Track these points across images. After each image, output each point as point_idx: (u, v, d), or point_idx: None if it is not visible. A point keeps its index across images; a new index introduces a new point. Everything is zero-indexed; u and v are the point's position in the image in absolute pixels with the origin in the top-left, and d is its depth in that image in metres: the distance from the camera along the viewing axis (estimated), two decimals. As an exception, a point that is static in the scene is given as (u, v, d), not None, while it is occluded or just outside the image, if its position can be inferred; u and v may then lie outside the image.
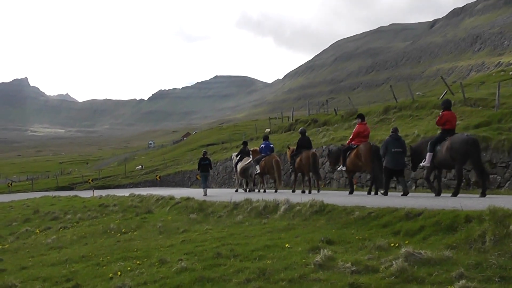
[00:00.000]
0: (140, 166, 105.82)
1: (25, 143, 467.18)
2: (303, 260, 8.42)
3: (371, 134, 23.25)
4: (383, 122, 33.82)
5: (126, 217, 20.95)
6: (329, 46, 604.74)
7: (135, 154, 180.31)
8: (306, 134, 25.38)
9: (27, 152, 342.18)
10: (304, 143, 24.12)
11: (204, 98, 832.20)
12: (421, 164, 17.38)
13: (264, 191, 27.09)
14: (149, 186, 71.48)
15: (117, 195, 34.12)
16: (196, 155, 79.44)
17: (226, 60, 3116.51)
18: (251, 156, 29.30)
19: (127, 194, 33.06)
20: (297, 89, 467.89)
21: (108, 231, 17.28)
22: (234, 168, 31.50)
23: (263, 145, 28.16)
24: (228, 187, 43.81)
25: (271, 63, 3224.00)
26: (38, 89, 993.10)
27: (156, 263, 9.86)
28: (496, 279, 6.33)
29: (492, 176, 18.83)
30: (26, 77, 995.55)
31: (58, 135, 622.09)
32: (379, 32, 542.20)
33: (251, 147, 31.90)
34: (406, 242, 8.82)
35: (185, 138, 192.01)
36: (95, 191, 48.58)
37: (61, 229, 20.44)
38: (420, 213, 10.25)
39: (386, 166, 17.95)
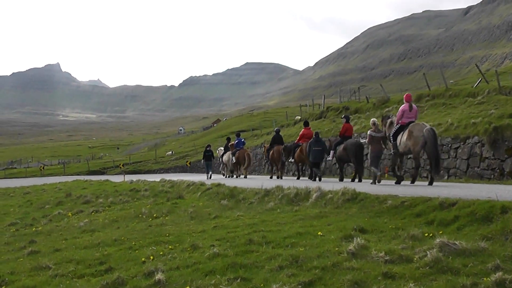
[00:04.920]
0: (171, 152, 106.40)
1: (56, 128, 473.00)
2: (336, 248, 8.38)
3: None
4: (416, 110, 33.39)
5: (157, 202, 21.04)
6: (361, 33, 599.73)
7: (165, 140, 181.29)
8: (280, 133, 31.99)
9: (59, 137, 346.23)
10: (277, 140, 30.23)
11: (235, 85, 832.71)
12: (327, 158, 24.92)
13: (237, 177, 34.18)
14: (179, 172, 71.87)
15: (148, 180, 34.29)
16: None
17: (257, 46, 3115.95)
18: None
19: (157, 179, 33.24)
20: (328, 76, 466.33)
21: (140, 215, 17.38)
22: (220, 159, 39.48)
23: (237, 141, 34.93)
24: (257, 174, 43.86)
25: (303, 50, 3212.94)
26: (70, 74, 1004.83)
27: (188, 248, 9.88)
28: (533, 272, 6.21)
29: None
30: (58, 63, 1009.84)
31: (89, 120, 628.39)
32: (412, 19, 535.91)
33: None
34: (440, 232, 8.74)
35: (215, 125, 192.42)
36: (126, 175, 48.85)
37: (93, 213, 20.60)
38: (454, 203, 10.12)
39: (310, 160, 24.60)
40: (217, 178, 34.41)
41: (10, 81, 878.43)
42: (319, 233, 9.80)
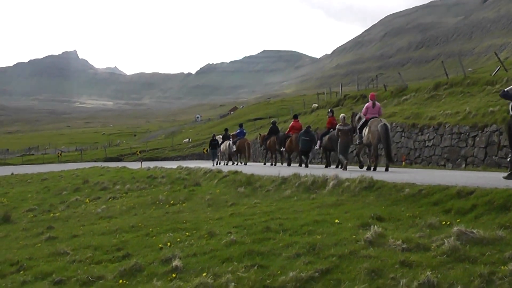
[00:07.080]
0: (187, 139, 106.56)
1: (74, 115, 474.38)
2: (353, 236, 8.36)
3: (421, 110, 28.45)
4: (434, 98, 33.07)
5: (174, 189, 21.08)
6: (379, 21, 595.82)
7: (182, 127, 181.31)
8: (276, 124, 35.77)
9: (76, 124, 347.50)
10: (274, 131, 33.22)
11: (252, 73, 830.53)
12: (315, 147, 28.16)
13: (237, 164, 37.31)
14: (196, 159, 71.96)
15: (165, 167, 34.28)
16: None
17: (274, 34, 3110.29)
18: (231, 139, 39.73)
19: (174, 167, 33.22)
20: (346, 64, 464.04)
21: (157, 202, 17.44)
22: (219, 148, 42.81)
23: (238, 131, 39.31)
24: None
25: (320, 38, 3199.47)
26: (87, 61, 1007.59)
27: (205, 235, 9.91)
28: (551, 261, 6.17)
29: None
30: (75, 50, 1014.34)
31: (106, 108, 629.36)
32: (430, 6, 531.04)
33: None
34: (458, 220, 8.68)
35: (232, 112, 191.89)
36: (143, 162, 49.02)
37: (110, 199, 20.68)
38: (472, 191, 10.06)
39: (299, 148, 27.58)
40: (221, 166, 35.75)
41: (28, 68, 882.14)
42: (336, 221, 9.78)
